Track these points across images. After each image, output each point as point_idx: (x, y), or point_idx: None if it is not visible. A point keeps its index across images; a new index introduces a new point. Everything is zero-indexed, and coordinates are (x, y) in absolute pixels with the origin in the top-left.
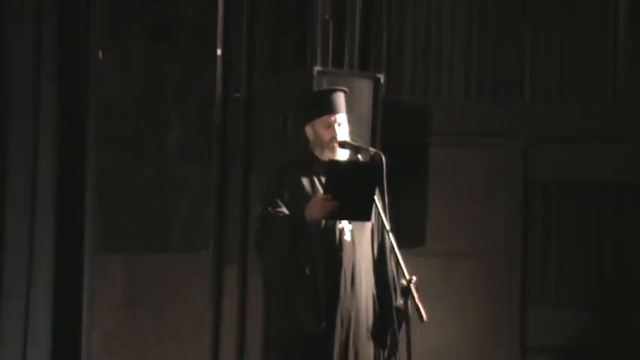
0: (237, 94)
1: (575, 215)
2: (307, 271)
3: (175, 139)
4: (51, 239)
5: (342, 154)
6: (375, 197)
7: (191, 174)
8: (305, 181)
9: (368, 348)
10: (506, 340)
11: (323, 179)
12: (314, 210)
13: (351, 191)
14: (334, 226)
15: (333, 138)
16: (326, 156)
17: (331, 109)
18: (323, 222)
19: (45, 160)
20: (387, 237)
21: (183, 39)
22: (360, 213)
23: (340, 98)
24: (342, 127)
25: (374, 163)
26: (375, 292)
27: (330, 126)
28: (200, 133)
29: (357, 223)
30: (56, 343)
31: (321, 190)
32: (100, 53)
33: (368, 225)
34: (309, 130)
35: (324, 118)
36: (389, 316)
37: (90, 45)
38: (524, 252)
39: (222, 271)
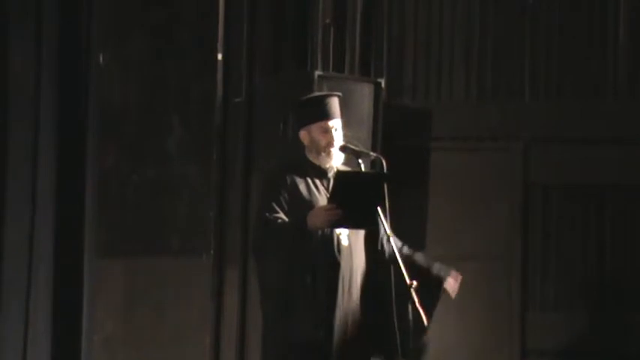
0: (239, 99)
1: (575, 217)
2: (308, 278)
3: (176, 141)
4: (51, 240)
5: (339, 159)
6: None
7: (191, 176)
8: (301, 185)
9: (363, 352)
10: (506, 342)
11: (319, 183)
12: (318, 219)
13: (356, 201)
14: (332, 232)
15: (330, 143)
16: (322, 161)
17: (328, 115)
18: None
19: (45, 160)
20: (379, 240)
21: (184, 41)
22: (363, 221)
23: (335, 103)
24: (337, 132)
25: (380, 173)
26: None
27: (327, 131)
28: (200, 135)
29: None
30: (56, 345)
31: (317, 195)
32: (101, 54)
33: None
34: (304, 135)
35: (321, 123)
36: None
37: (91, 46)
38: (525, 254)
39: (223, 274)
